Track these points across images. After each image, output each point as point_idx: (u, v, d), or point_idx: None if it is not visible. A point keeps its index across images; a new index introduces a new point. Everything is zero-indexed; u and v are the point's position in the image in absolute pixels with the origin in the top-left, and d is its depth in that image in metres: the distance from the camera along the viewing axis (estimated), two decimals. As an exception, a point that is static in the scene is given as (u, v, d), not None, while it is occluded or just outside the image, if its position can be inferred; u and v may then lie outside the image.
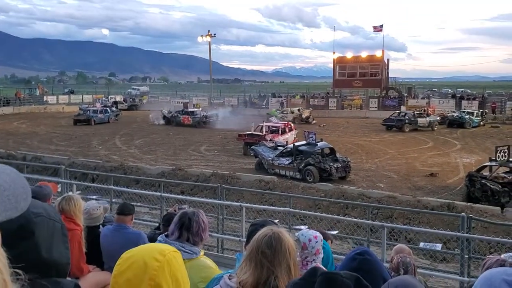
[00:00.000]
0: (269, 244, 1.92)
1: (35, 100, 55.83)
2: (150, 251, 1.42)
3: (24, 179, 0.85)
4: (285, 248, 1.93)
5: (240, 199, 13.05)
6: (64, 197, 3.84)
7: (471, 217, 8.60)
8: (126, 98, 61.18)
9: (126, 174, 17.57)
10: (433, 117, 35.75)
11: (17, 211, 0.78)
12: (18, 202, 0.79)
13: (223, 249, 9.68)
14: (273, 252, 1.90)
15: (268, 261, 1.89)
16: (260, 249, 1.90)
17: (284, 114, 38.74)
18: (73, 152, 24.10)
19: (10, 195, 0.77)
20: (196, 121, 36.51)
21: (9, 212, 0.76)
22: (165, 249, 1.43)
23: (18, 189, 0.81)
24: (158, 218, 10.39)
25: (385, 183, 17.77)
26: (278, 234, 1.95)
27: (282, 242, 1.94)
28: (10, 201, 0.77)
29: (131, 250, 1.49)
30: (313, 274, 1.79)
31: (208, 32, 60.86)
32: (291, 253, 1.96)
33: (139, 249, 1.48)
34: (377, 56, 53.02)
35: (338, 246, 10.10)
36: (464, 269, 7.58)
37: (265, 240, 1.92)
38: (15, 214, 0.77)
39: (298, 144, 19.99)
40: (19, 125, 37.63)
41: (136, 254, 1.44)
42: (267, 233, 1.96)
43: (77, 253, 3.87)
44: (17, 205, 0.79)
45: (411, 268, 3.67)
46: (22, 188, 0.82)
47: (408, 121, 33.75)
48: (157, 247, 1.47)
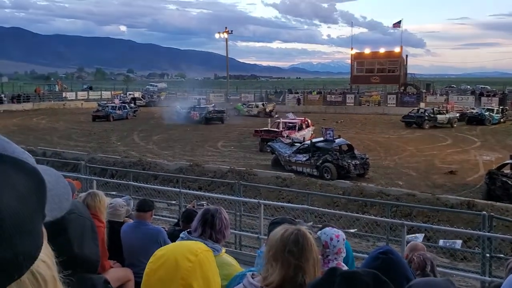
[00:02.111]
0: (295, 242, 1.91)
1: (54, 96, 56.65)
2: (183, 251, 1.43)
3: (65, 180, 0.87)
4: (311, 244, 1.94)
5: (257, 195, 13.04)
6: (89, 193, 3.88)
7: (492, 215, 8.46)
8: (144, 94, 61.70)
9: (144, 169, 17.71)
10: (453, 113, 35.38)
11: (61, 211, 0.79)
12: (61, 202, 0.80)
13: (241, 245, 9.70)
14: (300, 250, 1.90)
15: (295, 259, 1.89)
16: (287, 248, 1.89)
17: (249, 108, 43.18)
18: (92, 148, 24.38)
19: (54, 195, 0.78)
20: (202, 117, 36.10)
21: (54, 212, 0.77)
22: (197, 248, 1.44)
23: (60, 189, 0.81)
24: (176, 214, 10.47)
25: (404, 180, 17.60)
26: (303, 231, 1.96)
27: (308, 239, 1.94)
28: (54, 201, 0.78)
29: (163, 248, 1.50)
30: (331, 274, 1.79)
31: (225, 29, 61.00)
32: (315, 249, 1.97)
33: (172, 248, 1.49)
34: (395, 52, 52.47)
35: (357, 244, 10.06)
36: (485, 268, 7.48)
37: (291, 238, 1.92)
38: (59, 214, 0.78)
39: (315, 140, 19.86)
40: (39, 121, 38.19)
41: (169, 252, 1.45)
42: (292, 231, 1.96)
43: (101, 249, 3.92)
44: (61, 205, 0.79)
45: (434, 262, 3.66)
46: (64, 188, 0.83)
47: (428, 117, 33.39)
48: (189, 247, 1.47)
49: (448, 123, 33.68)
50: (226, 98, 55.39)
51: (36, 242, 0.67)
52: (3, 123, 35.75)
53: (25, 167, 0.68)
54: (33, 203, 0.67)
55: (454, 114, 35.23)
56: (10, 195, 0.63)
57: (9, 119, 38.36)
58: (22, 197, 0.64)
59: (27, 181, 0.67)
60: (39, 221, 0.69)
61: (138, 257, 4.72)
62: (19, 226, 0.63)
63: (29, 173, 0.68)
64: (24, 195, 0.65)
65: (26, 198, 0.65)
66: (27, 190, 0.66)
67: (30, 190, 0.67)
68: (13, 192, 0.63)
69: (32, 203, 0.66)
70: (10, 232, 0.61)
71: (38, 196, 0.68)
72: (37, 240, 0.67)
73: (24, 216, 0.64)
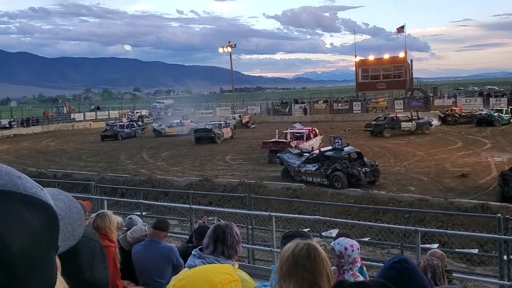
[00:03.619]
0: (307, 256, 1.89)
1: (62, 118, 57.16)
2: (202, 284, 1.37)
3: (77, 203, 0.85)
4: (323, 257, 1.92)
5: (268, 208, 13.00)
6: (99, 214, 3.88)
7: (507, 217, 8.35)
8: (152, 111, 62.05)
9: (154, 187, 17.75)
10: (425, 119, 34.02)
11: (75, 239, 0.78)
12: (75, 230, 0.79)
13: (255, 259, 9.63)
14: (313, 264, 1.88)
15: (309, 273, 1.86)
16: (300, 263, 1.87)
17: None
18: (102, 168, 24.49)
19: (67, 223, 0.77)
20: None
21: (68, 241, 0.76)
22: (218, 282, 1.38)
23: (73, 215, 0.80)
24: (188, 231, 10.44)
25: (416, 186, 17.43)
26: (313, 245, 1.94)
27: (320, 252, 1.92)
28: (67, 229, 0.76)
29: (183, 279, 1.45)
30: (340, 286, 1.77)
31: (228, 43, 61.32)
32: (327, 261, 1.95)
33: (192, 280, 1.44)
34: (400, 57, 52.44)
35: (371, 252, 9.95)
36: (503, 272, 7.35)
37: (303, 253, 1.90)
38: (73, 242, 0.77)
39: (324, 149, 19.78)
40: (48, 143, 38.48)
41: (188, 285, 1.40)
42: (303, 246, 1.94)
43: (112, 270, 3.90)
44: (74, 233, 0.78)
45: (439, 271, 3.59)
46: (77, 213, 0.82)
47: (389, 125, 32.15)
48: (210, 279, 1.40)
49: (418, 129, 32.38)
50: (232, 111, 55.55)
51: (50, 278, 0.66)
52: (14, 147, 36.10)
53: (37, 203, 0.66)
54: (47, 239, 0.65)
55: (427, 120, 33.83)
56: (23, 235, 0.61)
57: (19, 143, 38.72)
58: (35, 235, 0.63)
59: (40, 218, 0.65)
60: (53, 255, 0.67)
61: (152, 276, 4.70)
62: (32, 267, 0.61)
63: (41, 209, 0.66)
64: (37, 234, 0.63)
65: (39, 236, 0.64)
66: (40, 227, 0.64)
67: (43, 226, 0.65)
68: (26, 231, 0.62)
69: (45, 239, 0.65)
70: (23, 274, 0.60)
71: (51, 231, 0.67)
72: (51, 276, 0.66)
73: (38, 256, 0.63)
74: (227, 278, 1.40)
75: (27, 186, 0.67)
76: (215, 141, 32.05)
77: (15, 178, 0.67)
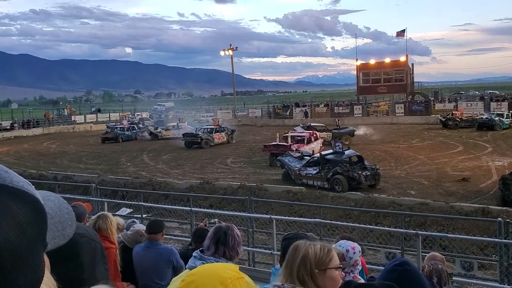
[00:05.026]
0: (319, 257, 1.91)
1: (63, 120, 57.21)
2: (213, 280, 1.38)
3: (68, 205, 0.86)
4: (335, 258, 1.94)
5: (268, 211, 12.98)
6: (100, 216, 3.89)
7: (508, 222, 8.33)
8: (152, 114, 62.11)
9: (155, 189, 17.74)
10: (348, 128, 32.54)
11: (64, 238, 0.78)
12: (65, 229, 0.79)
13: (255, 262, 9.62)
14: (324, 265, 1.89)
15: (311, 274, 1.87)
16: (309, 265, 1.88)
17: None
18: (102, 170, 24.49)
19: (57, 222, 0.77)
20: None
21: (57, 240, 0.76)
22: (228, 277, 1.39)
23: (63, 215, 0.81)
24: (188, 233, 10.43)
25: (416, 189, 17.43)
26: (324, 247, 1.96)
27: (331, 252, 1.95)
28: (57, 228, 0.77)
29: (192, 274, 1.45)
30: (347, 287, 1.78)
31: (230, 46, 61.44)
32: None
33: (201, 275, 1.43)
34: (401, 61, 52.48)
35: (372, 256, 9.93)
36: (504, 276, 7.34)
37: (315, 254, 1.91)
38: (62, 241, 0.77)
39: (324, 153, 19.79)
40: (49, 145, 38.51)
41: (198, 281, 1.40)
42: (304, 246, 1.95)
43: (113, 271, 3.90)
44: (64, 232, 0.79)
45: (444, 275, 3.58)
46: (67, 214, 0.82)
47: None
48: (220, 274, 1.41)
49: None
50: (233, 115, 55.60)
51: (37, 275, 0.65)
52: (15, 149, 36.13)
53: (24, 196, 0.66)
54: (33, 233, 0.65)
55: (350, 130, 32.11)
56: (9, 227, 0.61)
57: (20, 145, 38.76)
58: (21, 229, 0.63)
59: (26, 211, 0.65)
60: (40, 251, 0.67)
61: (152, 278, 4.69)
62: (18, 259, 0.61)
63: (28, 203, 0.66)
64: (23, 226, 0.63)
65: (26, 229, 0.64)
66: (27, 220, 0.64)
67: (30, 220, 0.65)
68: (12, 224, 0.62)
69: (32, 233, 0.65)
70: (9, 266, 0.60)
71: (38, 226, 0.67)
72: (38, 272, 0.66)
73: (24, 249, 0.62)
74: (235, 275, 1.41)
75: (14, 180, 0.68)
76: (202, 146, 31.72)
77: (2, 172, 0.67)
